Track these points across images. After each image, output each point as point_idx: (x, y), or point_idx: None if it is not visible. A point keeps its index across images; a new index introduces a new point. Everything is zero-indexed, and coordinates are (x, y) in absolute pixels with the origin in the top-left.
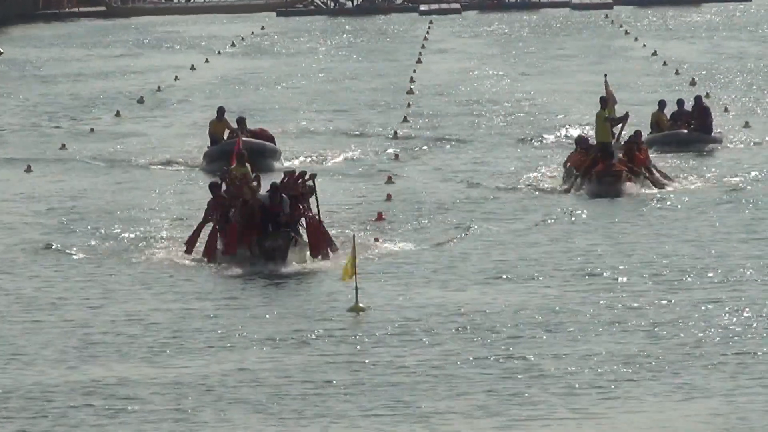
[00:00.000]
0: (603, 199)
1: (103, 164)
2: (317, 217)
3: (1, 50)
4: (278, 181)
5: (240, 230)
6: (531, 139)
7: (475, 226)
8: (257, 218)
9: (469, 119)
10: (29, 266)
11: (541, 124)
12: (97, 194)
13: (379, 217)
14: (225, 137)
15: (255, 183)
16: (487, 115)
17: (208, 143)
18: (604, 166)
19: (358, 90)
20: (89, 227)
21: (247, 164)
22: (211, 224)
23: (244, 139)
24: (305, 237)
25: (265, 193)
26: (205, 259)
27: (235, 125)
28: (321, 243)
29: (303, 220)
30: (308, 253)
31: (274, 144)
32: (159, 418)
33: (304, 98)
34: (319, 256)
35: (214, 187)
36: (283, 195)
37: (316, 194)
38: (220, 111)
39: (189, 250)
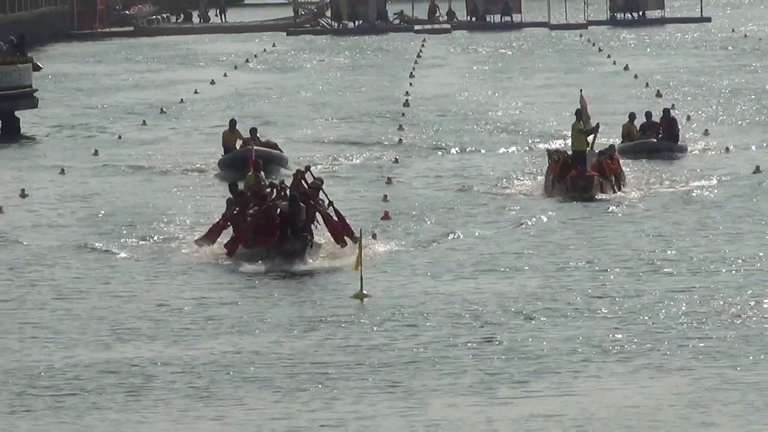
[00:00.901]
0: (577, 201)
1: (130, 169)
2: (330, 209)
3: (41, 66)
4: (289, 184)
5: (257, 231)
6: (513, 146)
7: (465, 224)
8: (276, 222)
9: (459, 128)
10: (63, 259)
11: (523, 132)
12: (123, 195)
13: (386, 215)
14: (237, 146)
15: (269, 189)
16: (474, 124)
17: (222, 152)
18: (578, 171)
19: (359, 101)
20: (116, 225)
21: (262, 172)
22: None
23: (255, 147)
24: (319, 237)
25: (284, 203)
26: (224, 253)
27: (246, 135)
28: (338, 232)
29: (318, 216)
30: (321, 253)
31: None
32: (180, 394)
33: (311, 108)
34: (341, 244)
35: (233, 186)
36: (300, 204)
37: (323, 191)
38: (232, 123)
39: (206, 242)
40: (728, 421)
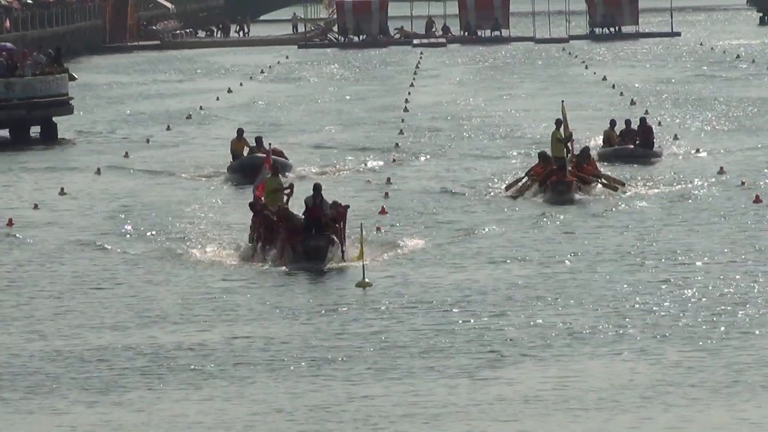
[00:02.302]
0: (557, 204)
1: (154, 170)
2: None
3: (76, 76)
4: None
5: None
6: (502, 149)
7: (458, 220)
8: (299, 226)
9: (453, 132)
10: (97, 250)
11: (510, 136)
12: (151, 192)
13: (383, 210)
14: (244, 153)
15: (288, 190)
16: (467, 129)
17: (231, 158)
18: (557, 177)
19: (363, 108)
20: (145, 219)
21: (279, 176)
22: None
23: (259, 155)
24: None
25: (308, 197)
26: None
27: (253, 143)
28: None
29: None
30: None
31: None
32: (199, 375)
33: (320, 114)
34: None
35: (254, 206)
36: (323, 197)
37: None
38: (240, 131)
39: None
40: (693, 398)
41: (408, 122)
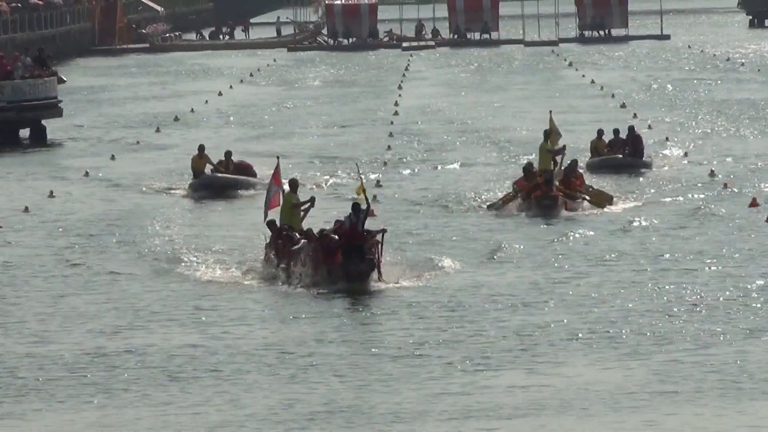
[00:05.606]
0: (542, 218)
1: (144, 172)
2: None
3: (65, 79)
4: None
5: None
6: (490, 155)
7: (449, 222)
8: (335, 246)
9: (441, 134)
10: (85, 254)
11: (499, 140)
12: (139, 196)
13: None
14: (207, 171)
15: (309, 204)
16: (455, 131)
17: (192, 176)
18: (542, 191)
19: (352, 110)
20: (134, 223)
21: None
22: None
23: (220, 175)
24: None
25: (345, 218)
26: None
27: (221, 158)
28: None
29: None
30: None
31: (254, 175)
32: (194, 377)
33: (309, 117)
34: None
35: (272, 225)
36: (360, 217)
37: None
38: (201, 148)
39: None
40: (681, 398)
41: (397, 124)
